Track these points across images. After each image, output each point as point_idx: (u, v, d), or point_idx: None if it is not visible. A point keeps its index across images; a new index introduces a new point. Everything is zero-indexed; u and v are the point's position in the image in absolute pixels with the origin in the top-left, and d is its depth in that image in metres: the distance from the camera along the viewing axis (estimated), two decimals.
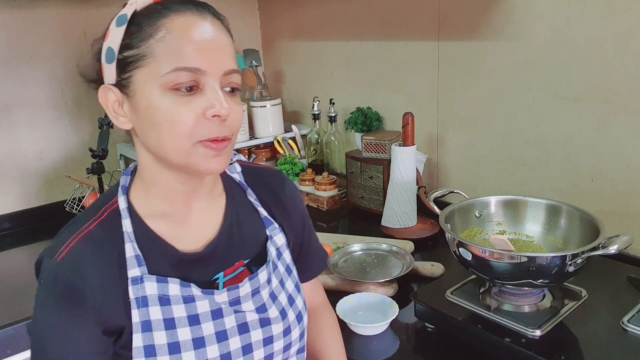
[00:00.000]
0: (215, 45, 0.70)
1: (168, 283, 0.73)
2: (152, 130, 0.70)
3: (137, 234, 0.74)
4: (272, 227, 0.86)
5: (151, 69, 0.68)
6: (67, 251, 0.71)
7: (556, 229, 1.14)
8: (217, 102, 0.69)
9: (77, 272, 0.70)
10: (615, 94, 1.23)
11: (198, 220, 0.80)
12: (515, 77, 1.42)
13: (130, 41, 0.69)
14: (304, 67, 2.17)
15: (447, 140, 1.66)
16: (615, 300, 1.06)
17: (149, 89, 0.69)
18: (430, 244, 1.53)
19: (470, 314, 1.04)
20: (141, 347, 0.71)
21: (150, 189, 0.77)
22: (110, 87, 0.72)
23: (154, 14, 0.69)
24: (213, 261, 0.79)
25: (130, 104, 0.71)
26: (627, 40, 1.18)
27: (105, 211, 0.76)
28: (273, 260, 0.84)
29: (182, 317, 0.73)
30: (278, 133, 2.09)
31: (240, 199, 0.86)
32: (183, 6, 0.70)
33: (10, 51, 1.75)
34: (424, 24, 1.62)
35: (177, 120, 0.68)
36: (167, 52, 0.67)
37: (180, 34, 0.68)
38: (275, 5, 2.22)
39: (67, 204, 1.81)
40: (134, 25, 0.69)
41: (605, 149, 1.27)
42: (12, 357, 1.23)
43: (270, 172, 0.93)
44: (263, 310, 0.79)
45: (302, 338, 0.86)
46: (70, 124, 1.90)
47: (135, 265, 0.72)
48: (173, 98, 0.68)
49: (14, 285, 1.44)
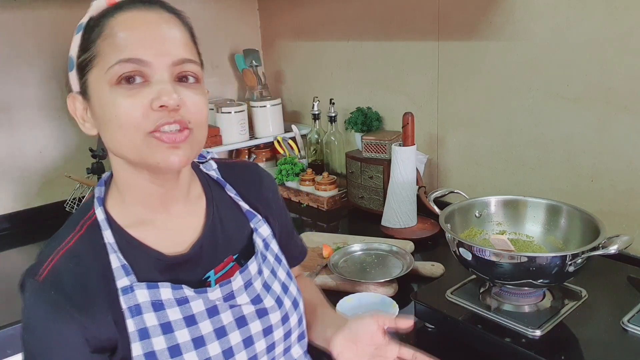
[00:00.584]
0: (161, 35, 0.69)
1: (159, 288, 0.72)
2: (107, 128, 0.70)
3: (119, 244, 0.73)
4: (256, 220, 0.86)
5: (99, 68, 0.69)
6: (48, 270, 0.70)
7: (556, 229, 1.14)
8: (165, 93, 0.67)
9: (60, 289, 0.69)
10: (615, 94, 1.23)
11: (179, 224, 0.79)
12: (515, 77, 1.42)
13: (84, 46, 0.70)
14: (304, 67, 2.17)
15: (447, 140, 1.66)
16: (615, 300, 1.06)
17: (99, 88, 0.69)
18: (430, 244, 1.53)
19: (471, 314, 1.04)
20: (141, 356, 0.70)
21: (126, 196, 0.76)
22: (75, 95, 0.74)
23: (102, 16, 0.70)
24: (201, 261, 0.79)
25: (90, 108, 0.72)
26: (627, 40, 1.18)
27: (83, 225, 0.75)
28: (261, 251, 0.84)
29: (178, 319, 0.72)
30: (278, 133, 2.09)
31: (219, 196, 0.85)
32: (131, 5, 0.70)
33: (10, 51, 1.75)
34: (424, 24, 1.62)
35: (124, 113, 0.67)
36: (111, 49, 0.68)
37: (124, 28, 0.68)
38: (275, 5, 2.22)
39: (67, 204, 1.81)
40: (87, 29, 0.71)
41: (605, 149, 1.27)
42: (12, 357, 1.23)
43: (245, 165, 0.94)
44: (258, 301, 0.79)
45: (301, 324, 0.87)
46: (70, 124, 1.90)
47: (123, 275, 0.71)
48: (120, 92, 0.68)
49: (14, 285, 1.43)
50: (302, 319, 0.87)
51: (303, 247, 1.03)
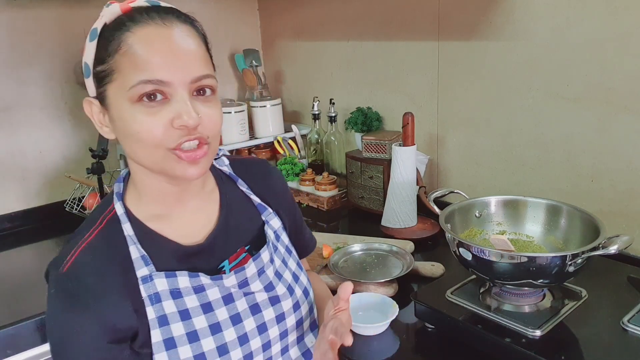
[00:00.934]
0: (180, 53, 0.70)
1: (177, 277, 0.76)
2: (127, 141, 0.73)
3: (138, 236, 0.77)
4: (267, 212, 0.89)
5: (119, 84, 0.70)
6: (71, 262, 0.73)
7: (556, 229, 1.14)
8: (185, 113, 0.69)
9: (81, 281, 0.72)
10: (615, 94, 1.23)
11: (194, 217, 0.82)
12: (515, 77, 1.42)
13: (101, 56, 0.71)
14: (304, 67, 2.17)
15: (447, 140, 1.66)
16: (615, 300, 1.06)
17: (120, 103, 0.70)
18: (430, 244, 1.53)
19: (471, 314, 1.04)
20: (161, 342, 0.73)
21: (143, 194, 0.79)
22: (92, 99, 0.75)
23: (118, 28, 0.70)
24: (215, 251, 0.82)
25: (109, 115, 0.74)
26: (627, 40, 1.18)
27: (104, 219, 0.78)
28: (272, 242, 0.87)
29: (196, 306, 0.76)
30: (278, 133, 2.09)
31: (232, 190, 0.89)
32: (147, 16, 0.70)
33: (11, 51, 1.75)
34: (424, 24, 1.62)
35: (145, 131, 0.69)
36: (131, 66, 0.68)
37: (143, 46, 0.69)
38: (275, 5, 2.22)
39: (67, 204, 1.81)
40: (103, 39, 0.71)
41: (605, 149, 1.27)
42: (12, 357, 1.23)
43: (255, 161, 0.98)
44: (271, 289, 0.83)
45: (312, 312, 0.90)
46: (70, 124, 1.90)
47: (142, 265, 0.75)
48: (141, 109, 0.69)
49: (14, 285, 1.44)
50: (313, 307, 0.91)
51: (312, 239, 1.06)
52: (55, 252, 0.78)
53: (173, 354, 0.73)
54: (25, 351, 1.24)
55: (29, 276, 1.49)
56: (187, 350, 0.73)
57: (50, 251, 1.72)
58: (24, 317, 1.23)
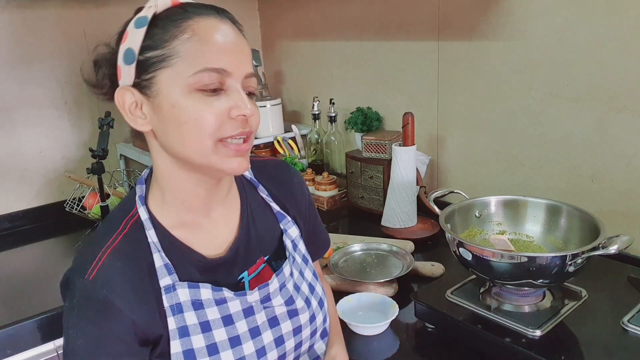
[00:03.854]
0: (238, 48, 0.72)
1: (200, 288, 0.75)
2: (176, 129, 0.70)
3: (162, 244, 0.76)
4: (286, 221, 0.88)
5: (176, 70, 0.69)
6: (97, 268, 0.71)
7: (556, 229, 1.14)
8: (242, 103, 0.71)
9: (111, 288, 0.71)
10: (615, 94, 1.23)
11: (217, 225, 0.82)
12: (515, 77, 1.42)
13: (153, 42, 0.70)
14: (304, 67, 2.17)
15: (447, 140, 1.66)
16: (615, 300, 1.06)
17: (173, 89, 0.69)
18: (430, 244, 1.53)
19: (470, 314, 1.04)
20: (180, 353, 0.73)
21: (167, 196, 0.77)
22: (128, 88, 0.72)
23: (177, 16, 0.70)
24: (236, 263, 0.81)
25: (152, 104, 0.71)
26: (627, 40, 1.18)
27: (127, 224, 0.76)
28: (290, 252, 0.87)
29: (217, 318, 0.75)
30: (278, 133, 2.09)
31: (253, 196, 0.88)
32: (205, 10, 0.71)
33: (11, 51, 1.75)
34: (424, 24, 1.62)
35: (203, 119, 0.69)
36: (193, 53, 0.68)
37: (206, 35, 0.69)
38: (275, 5, 2.22)
39: (67, 204, 1.81)
40: (156, 27, 0.70)
41: (605, 149, 1.27)
42: (12, 357, 1.23)
43: (277, 163, 0.96)
44: (291, 303, 0.83)
45: (325, 322, 0.90)
46: (70, 124, 1.90)
47: (165, 274, 0.74)
48: (199, 98, 0.69)
49: (14, 285, 1.44)
50: (327, 317, 0.91)
51: (326, 241, 1.05)
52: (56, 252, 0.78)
53: None
54: (25, 351, 1.24)
55: (29, 276, 1.49)
56: None
57: (50, 251, 1.72)
58: (24, 317, 1.23)
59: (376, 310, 1.17)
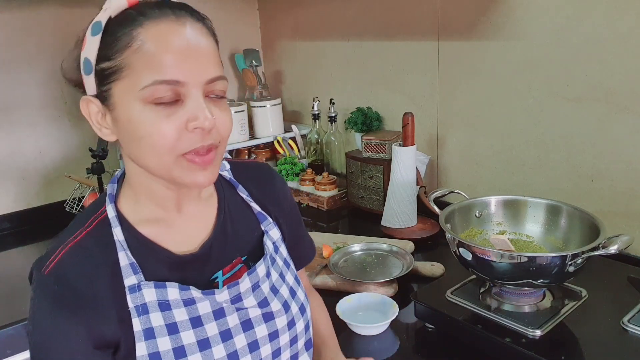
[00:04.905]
0: (196, 53, 0.66)
1: (167, 288, 0.71)
2: (134, 144, 0.68)
3: (129, 242, 0.73)
4: (267, 222, 0.85)
5: (129, 82, 0.65)
6: (54, 263, 0.69)
7: (556, 229, 1.14)
8: (201, 114, 0.66)
9: (65, 284, 0.68)
10: (615, 94, 1.23)
11: (190, 223, 0.78)
12: (515, 77, 1.42)
13: (107, 52, 0.66)
14: (304, 67, 2.17)
15: (447, 140, 1.66)
16: (615, 300, 1.06)
17: (128, 102, 0.66)
18: (430, 244, 1.53)
19: (471, 314, 1.04)
20: (146, 356, 0.69)
21: (140, 197, 0.75)
22: (91, 98, 0.70)
23: (129, 22, 0.65)
24: (209, 260, 0.78)
25: (112, 116, 0.69)
26: (627, 40, 1.18)
27: (93, 221, 0.74)
28: (270, 254, 0.83)
29: (184, 320, 0.71)
30: (278, 133, 2.09)
31: (231, 196, 0.84)
32: (159, 11, 0.66)
33: (10, 51, 1.75)
34: (424, 24, 1.62)
35: (158, 134, 0.65)
36: (144, 64, 0.64)
37: (157, 44, 0.64)
38: (275, 5, 2.22)
39: (67, 204, 1.81)
40: (109, 34, 0.66)
41: (605, 149, 1.27)
42: (12, 357, 1.23)
43: (258, 166, 0.93)
44: (265, 305, 0.78)
45: (308, 330, 0.86)
46: (70, 124, 1.90)
47: (130, 273, 0.71)
48: (154, 111, 0.65)
49: (14, 285, 1.44)
50: (309, 326, 0.86)
51: (311, 248, 1.01)
52: None
53: None
54: (25, 351, 1.24)
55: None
56: None
57: None
58: (24, 317, 1.21)
59: (376, 310, 1.17)
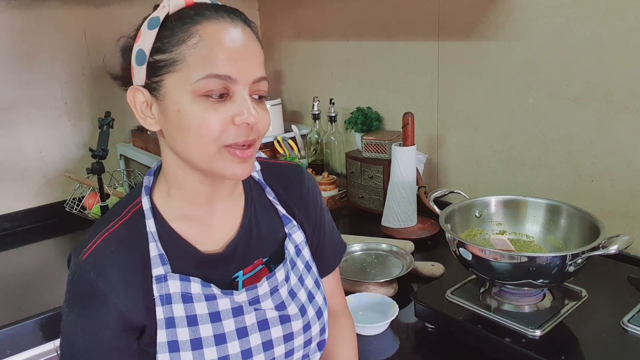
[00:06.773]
0: (246, 53, 0.71)
1: (190, 282, 0.75)
2: (180, 133, 0.71)
3: (160, 234, 0.77)
4: (291, 225, 0.87)
5: (182, 75, 0.69)
6: (91, 250, 0.74)
7: (556, 229, 1.14)
8: (246, 110, 0.70)
9: (99, 271, 0.73)
10: (615, 94, 1.23)
11: (219, 221, 0.82)
12: (515, 77, 1.42)
13: (162, 45, 0.70)
14: (304, 67, 2.17)
15: (447, 140, 1.66)
16: (615, 300, 1.06)
17: (179, 94, 0.70)
18: (430, 244, 1.53)
19: (470, 314, 1.04)
20: (165, 343, 0.73)
21: (172, 190, 0.79)
22: (139, 88, 0.73)
23: (187, 20, 0.70)
24: (233, 260, 0.81)
25: (160, 106, 0.73)
26: (627, 40, 1.18)
27: (129, 211, 0.78)
28: (291, 258, 0.85)
29: (204, 314, 0.75)
30: (278, 133, 2.09)
31: (258, 198, 0.87)
32: (215, 12, 0.71)
33: (11, 51, 1.75)
34: (424, 24, 1.62)
35: (205, 125, 0.69)
36: (199, 59, 0.68)
37: (213, 41, 0.69)
38: (275, 5, 2.22)
39: (67, 204, 1.81)
40: (167, 29, 0.70)
41: (605, 149, 1.27)
42: (12, 357, 1.23)
43: (289, 167, 0.94)
44: (282, 308, 0.81)
45: (323, 333, 0.88)
46: (70, 124, 1.90)
47: (159, 264, 0.75)
48: (203, 104, 0.69)
49: (14, 285, 1.44)
50: (325, 328, 0.88)
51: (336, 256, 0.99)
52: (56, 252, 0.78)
53: (175, 358, 0.73)
54: (25, 351, 1.25)
55: (29, 276, 1.49)
56: (189, 357, 0.73)
57: (50, 251, 1.72)
58: (24, 317, 1.23)
59: (376, 310, 1.17)
